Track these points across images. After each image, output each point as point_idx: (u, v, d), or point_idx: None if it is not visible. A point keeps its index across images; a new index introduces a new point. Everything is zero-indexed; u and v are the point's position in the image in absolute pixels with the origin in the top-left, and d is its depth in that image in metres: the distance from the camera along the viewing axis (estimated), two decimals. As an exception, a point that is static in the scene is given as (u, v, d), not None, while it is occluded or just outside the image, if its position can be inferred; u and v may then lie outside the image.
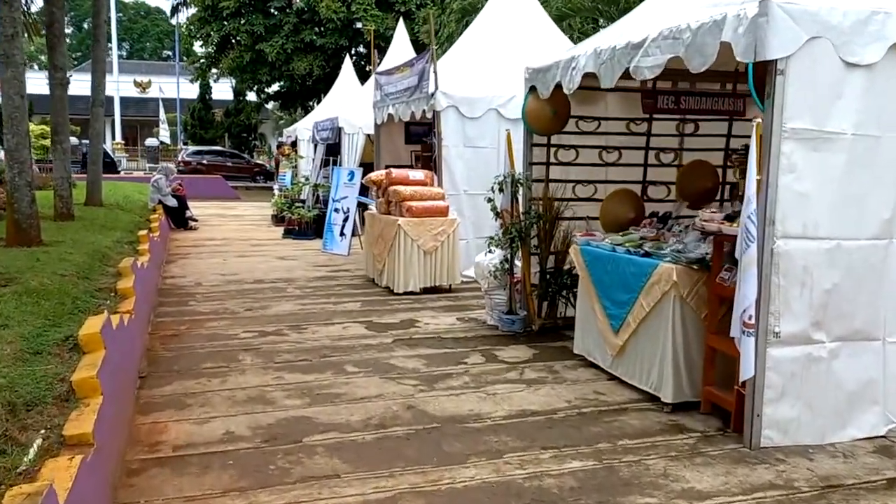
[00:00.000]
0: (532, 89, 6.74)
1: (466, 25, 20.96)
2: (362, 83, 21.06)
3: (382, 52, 29.25)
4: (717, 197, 7.18)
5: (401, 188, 8.84)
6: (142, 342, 6.12)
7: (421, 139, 12.60)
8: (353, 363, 5.91)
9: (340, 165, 15.03)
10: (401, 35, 16.55)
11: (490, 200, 6.98)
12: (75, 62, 55.74)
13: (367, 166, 14.83)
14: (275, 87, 36.01)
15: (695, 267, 4.67)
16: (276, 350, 6.32)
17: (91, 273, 6.69)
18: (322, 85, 32.33)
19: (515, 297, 6.99)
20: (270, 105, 47.08)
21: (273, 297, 8.61)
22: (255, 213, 20.86)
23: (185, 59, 46.27)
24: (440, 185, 9.55)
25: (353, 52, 26.70)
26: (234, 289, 9.15)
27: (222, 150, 39.16)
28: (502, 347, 6.42)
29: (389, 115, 11.37)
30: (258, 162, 42.15)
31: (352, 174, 12.48)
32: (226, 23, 30.58)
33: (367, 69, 29.07)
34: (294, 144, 21.71)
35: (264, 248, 13.26)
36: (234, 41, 31.81)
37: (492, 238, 6.96)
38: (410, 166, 12.51)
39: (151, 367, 5.76)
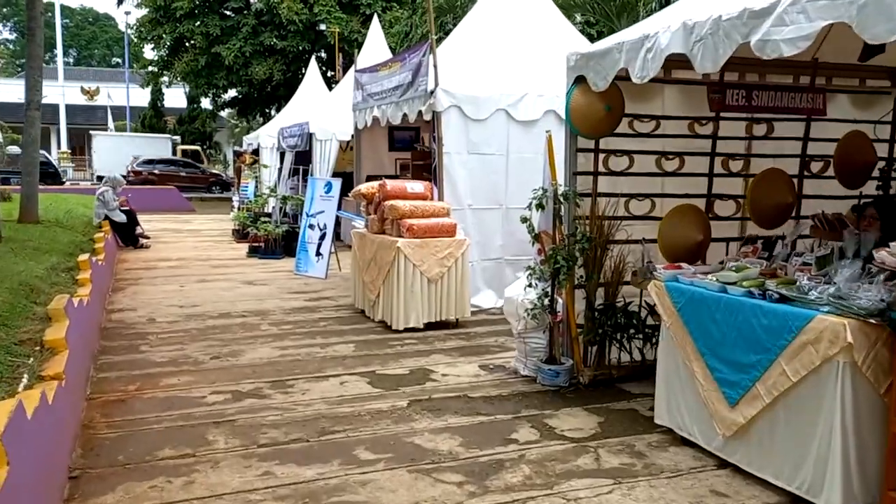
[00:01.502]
0: (578, 80, 5.34)
1: (442, 26, 19.63)
2: (329, 89, 19.55)
3: (347, 56, 27.82)
4: (793, 214, 5.88)
5: (398, 203, 7.35)
6: (76, 419, 4.51)
7: (409, 145, 11.14)
8: (365, 444, 4.38)
9: (312, 175, 13.46)
10: (375, 34, 15.07)
11: (526, 220, 5.53)
12: (19, 68, 52.84)
13: (339, 176, 13.33)
14: (232, 93, 34.09)
15: (872, 321, 3.28)
16: (258, 423, 4.76)
17: (12, 318, 5.05)
18: (283, 90, 30.64)
19: (558, 342, 5.55)
20: (226, 112, 45.07)
21: (245, 338, 7.02)
22: (214, 228, 19.08)
23: (134, 63, 43.96)
24: (440, 198, 8.08)
25: (317, 55, 25.04)
26: (195, 326, 7.53)
27: (175, 159, 37.04)
28: (553, 412, 4.96)
29: (375, 118, 9.87)
30: (214, 171, 40.13)
31: (329, 185, 10.93)
32: (179, 24, 28.65)
33: (330, 75, 27.54)
34: (256, 152, 20.01)
35: (228, 270, 11.60)
36: (188, 44, 29.88)
37: (531, 269, 5.51)
38: (396, 176, 11.02)
39: (87, 459, 4.16)
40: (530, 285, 5.43)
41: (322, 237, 10.85)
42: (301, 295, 9.36)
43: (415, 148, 11.20)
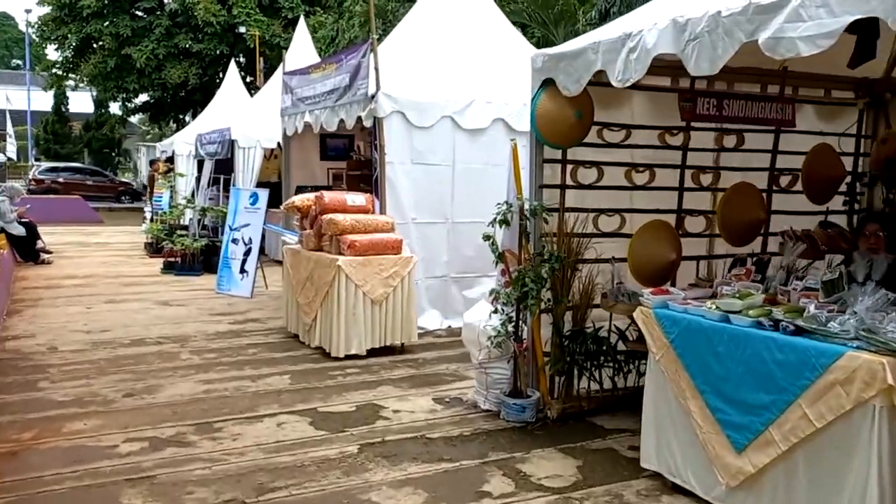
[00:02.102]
0: (546, 84, 4.83)
1: (370, 32, 18.98)
2: (250, 95, 18.60)
3: (268, 60, 26.82)
4: (762, 231, 5.57)
5: (338, 217, 6.68)
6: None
7: (343, 154, 10.46)
8: (314, 506, 3.72)
9: (234, 185, 12.57)
10: (302, 37, 14.30)
11: (489, 238, 4.98)
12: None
13: (263, 186, 12.52)
14: (143, 98, 32.41)
15: (913, 359, 2.87)
16: (182, 480, 4.02)
17: None
18: (199, 95, 29.31)
19: (523, 372, 5.01)
20: (136, 118, 42.99)
21: (163, 370, 6.20)
22: (124, 241, 17.80)
23: (36, 65, 41.36)
24: (382, 211, 7.45)
25: (236, 60, 23.93)
26: (104, 356, 6.64)
27: (81, 166, 34.97)
28: (524, 454, 4.40)
29: (307, 123, 9.15)
30: (123, 180, 38.15)
31: (255, 197, 10.12)
32: (86, 24, 26.96)
33: (249, 80, 26.44)
34: (170, 160, 18.82)
35: (141, 288, 10.61)
36: (95, 45, 28.20)
37: (496, 292, 4.95)
38: (329, 187, 10.33)
39: (-35, 539, 3.35)
40: (496, 311, 4.87)
41: (247, 253, 10.02)
42: (225, 317, 8.53)
43: (350, 157, 10.54)
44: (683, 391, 3.71)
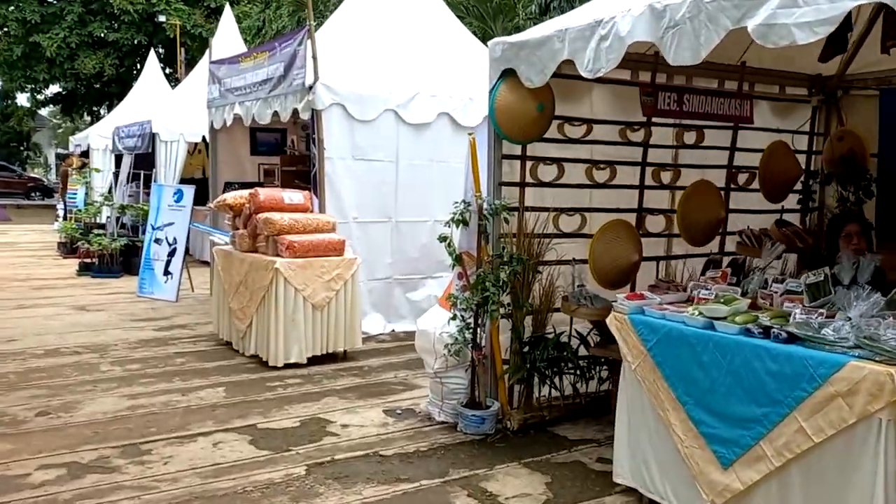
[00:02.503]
0: (506, 75, 4.53)
1: (300, 22, 18.33)
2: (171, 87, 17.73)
3: (189, 51, 25.70)
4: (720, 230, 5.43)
5: (275, 216, 6.22)
6: None
7: (275, 149, 9.93)
8: (262, 540, 3.31)
9: (156, 181, 11.84)
10: (228, 26, 13.61)
11: (445, 239, 4.64)
12: None
13: (187, 182, 11.88)
14: (55, 89, 30.67)
15: (920, 369, 2.69)
16: (108, 514, 3.55)
17: None
18: (115, 87, 27.93)
19: (482, 381, 4.70)
20: (47, 111, 40.79)
21: (81, 384, 5.63)
22: (35, 240, 16.73)
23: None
24: (322, 210, 7.03)
25: (156, 51, 22.80)
26: (13, 369, 6.01)
27: (-14, 161, 32.94)
28: (487, 471, 4.09)
29: (237, 116, 8.61)
30: (33, 175, 36.19)
31: (180, 194, 9.50)
32: (-12, 8, 25.27)
33: (169, 72, 25.29)
34: (85, 154, 17.75)
35: (54, 292, 9.83)
36: (0, 31, 26.46)
37: (454, 297, 4.61)
38: (260, 184, 9.79)
39: None
40: (454, 317, 4.53)
41: (171, 253, 9.40)
42: (149, 323, 7.92)
43: (283, 152, 10.02)
44: (662, 402, 3.47)
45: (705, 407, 3.27)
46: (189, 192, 9.42)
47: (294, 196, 6.63)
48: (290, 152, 9.58)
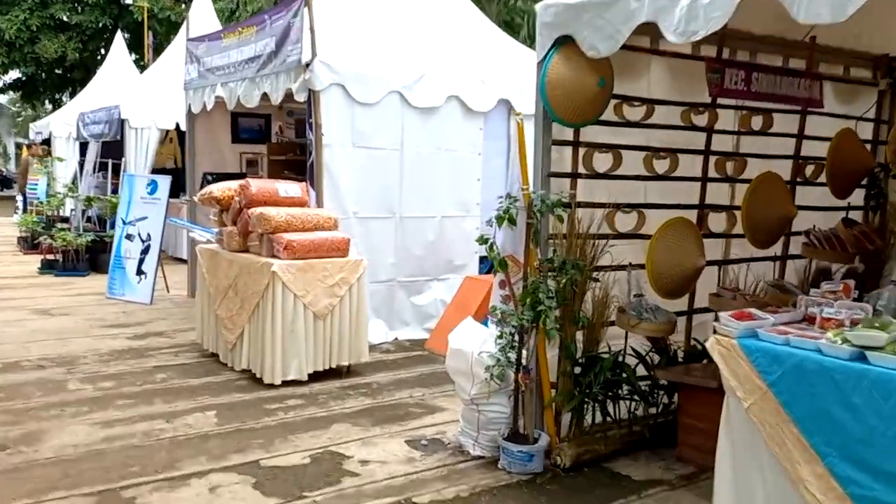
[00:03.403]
0: (561, 43, 3.79)
1: (276, 4, 17.35)
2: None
3: (157, 36, 24.52)
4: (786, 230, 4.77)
5: (270, 212, 5.43)
6: None
7: (258, 136, 9.09)
8: None
9: (126, 170, 10.92)
10: (202, 4, 12.64)
11: (486, 241, 3.90)
12: None
13: (159, 173, 10.97)
14: (14, 74, 29.19)
15: None
16: None
17: None
18: (78, 73, 26.64)
19: (529, 410, 3.97)
20: (6, 98, 39.05)
21: (46, 406, 4.80)
22: (-7, 234, 15.60)
23: None
24: (319, 204, 6.25)
25: (123, 34, 21.61)
26: (-36, 390, 5.15)
27: (-59, 149, 31.32)
28: (548, 524, 3.38)
29: (219, 98, 7.77)
30: (-9, 165, 34.61)
31: (154, 185, 8.62)
32: (-58, -13, 23.83)
33: (135, 58, 24.09)
34: (47, 143, 16.65)
35: (14, 293, 8.89)
36: (-45, 12, 25.00)
37: (495, 309, 3.87)
38: (242, 174, 8.95)
39: None
40: (500, 336, 3.79)
41: (145, 251, 8.52)
42: (122, 330, 7.06)
43: (267, 139, 9.18)
44: (790, 453, 2.77)
45: (856, 461, 2.58)
46: (164, 183, 8.55)
47: (290, 188, 5.84)
48: (278, 139, 8.77)
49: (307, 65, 6.18)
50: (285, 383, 5.27)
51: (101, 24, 24.94)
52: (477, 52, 7.41)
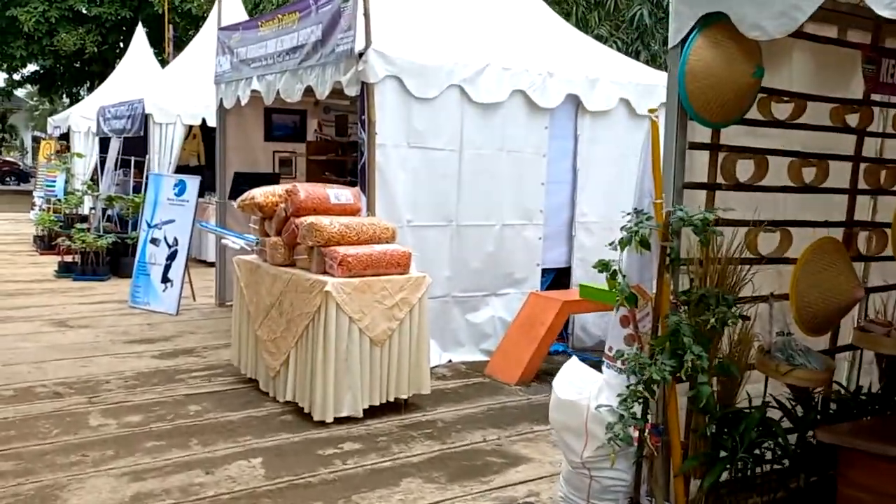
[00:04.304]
0: (707, 23, 3.03)
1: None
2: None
3: (177, 30, 23.90)
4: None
5: (322, 222, 4.71)
6: None
7: (292, 134, 8.39)
8: None
9: (150, 169, 10.27)
10: (229, -7, 11.92)
11: (607, 268, 3.14)
12: None
13: (185, 171, 10.37)
14: (32, 68, 28.70)
15: None
16: None
17: None
18: (97, 66, 26.11)
19: (658, 477, 3.22)
20: (24, 92, 38.63)
21: (64, 450, 4.11)
22: (8, 232, 15.08)
23: None
24: (370, 211, 5.54)
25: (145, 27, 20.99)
26: (-29, 424, 4.48)
27: (-42, 143, 31.00)
28: None
29: (254, 93, 7.06)
30: (8, 159, 34.27)
31: (182, 186, 7.94)
32: (-39, -22, 23.34)
33: (155, 52, 23.50)
34: (65, 137, 16.06)
35: (29, 299, 8.25)
36: (-27, 4, 24.53)
37: (625, 354, 3.13)
38: (275, 175, 8.25)
39: None
40: (631, 389, 3.05)
41: (171, 257, 7.85)
42: (147, 347, 6.38)
43: (301, 138, 8.48)
44: None
45: None
46: (193, 183, 7.87)
47: (341, 194, 5.12)
48: (317, 138, 8.07)
49: (360, 54, 5.46)
50: (338, 420, 4.55)
51: (120, 17, 24.34)
52: (540, 41, 6.68)
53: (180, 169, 10.70)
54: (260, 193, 5.13)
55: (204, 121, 10.71)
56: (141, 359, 6.00)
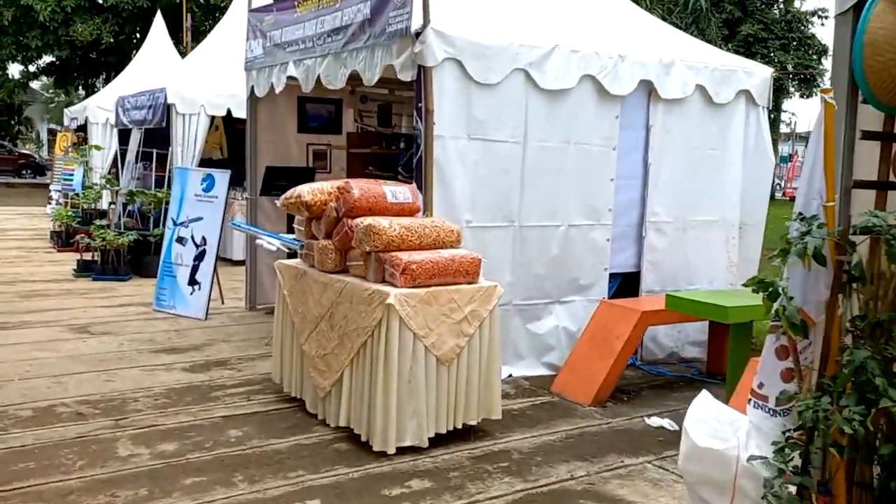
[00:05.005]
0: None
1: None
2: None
3: (194, 19, 23.38)
4: None
5: (381, 223, 4.13)
6: None
7: (327, 125, 7.81)
8: None
9: (172, 162, 9.75)
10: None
11: (765, 288, 2.53)
12: None
13: (209, 164, 9.85)
14: (48, 59, 28.28)
15: None
16: None
17: None
18: (113, 57, 25.69)
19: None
20: (39, 84, 38.27)
21: (90, 490, 3.55)
22: (24, 226, 14.63)
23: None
24: (427, 210, 4.95)
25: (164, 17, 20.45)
26: (-16, 452, 3.94)
27: (-26, 135, 30.72)
28: None
29: (290, 80, 6.49)
30: (24, 151, 33.96)
31: (210, 181, 7.39)
32: (-24, -33, 22.92)
33: (179, 39, 23.02)
34: (82, 129, 15.57)
35: (47, 301, 7.73)
36: (-12, -6, 24.12)
37: (788, 396, 2.52)
38: (310, 170, 7.68)
39: None
40: (786, 433, 2.45)
41: (199, 257, 7.31)
42: (176, 358, 5.84)
43: (337, 129, 7.90)
44: None
45: None
46: (222, 178, 7.32)
47: (399, 192, 4.53)
48: (358, 129, 7.48)
49: (417, 34, 4.87)
50: (400, 450, 3.98)
51: (137, 6, 23.83)
52: (607, 20, 6.07)
53: (203, 163, 10.16)
54: (307, 191, 4.54)
55: (229, 111, 10.18)
56: (170, 372, 5.46)
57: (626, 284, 6.08)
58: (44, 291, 8.29)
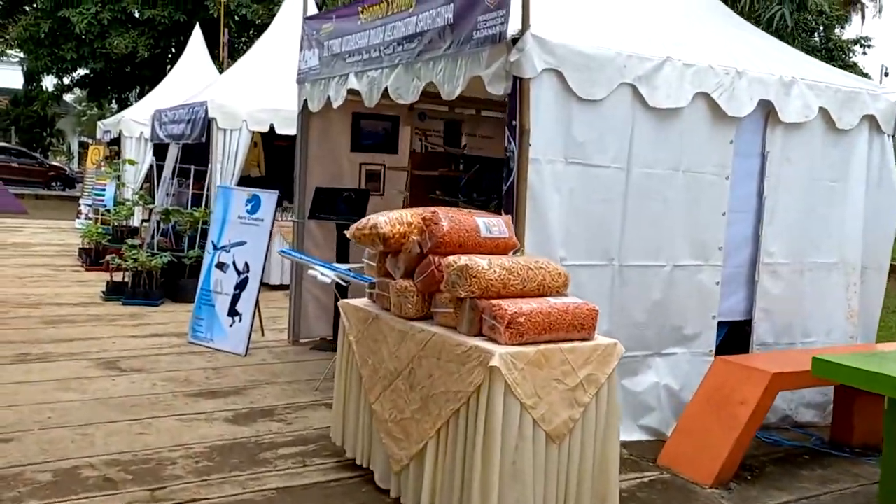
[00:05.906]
0: None
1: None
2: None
3: (231, 34, 22.99)
4: None
5: (479, 263, 3.38)
6: None
7: (382, 143, 7.12)
8: None
9: (212, 179, 9.12)
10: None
11: None
12: None
13: (247, 182, 9.25)
14: (82, 72, 28.10)
15: None
16: None
17: None
18: (148, 71, 25.35)
19: None
20: (72, 97, 38.24)
21: None
22: (52, 241, 14.07)
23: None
24: (520, 243, 4.19)
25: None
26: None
27: (6, 146, 30.56)
28: None
29: (351, 93, 5.80)
30: (55, 164, 33.79)
31: (256, 202, 6.71)
32: (15, -21, 22.79)
33: (214, 54, 22.65)
34: (115, 142, 15.08)
35: (73, 330, 7.07)
36: (28, 6, 24.02)
37: None
38: (365, 192, 6.96)
39: None
40: None
41: (241, 286, 6.61)
42: (216, 403, 5.11)
43: (393, 147, 7.20)
44: None
45: None
46: (269, 199, 6.64)
47: (493, 225, 3.79)
48: (423, 148, 6.77)
49: (514, 41, 4.15)
50: (500, 548, 3.20)
51: (174, 19, 23.52)
52: (717, 32, 5.33)
53: (242, 181, 9.54)
54: (385, 221, 3.80)
55: (272, 127, 9.55)
56: (211, 424, 4.73)
57: (732, 334, 5.28)
58: (70, 318, 7.64)
